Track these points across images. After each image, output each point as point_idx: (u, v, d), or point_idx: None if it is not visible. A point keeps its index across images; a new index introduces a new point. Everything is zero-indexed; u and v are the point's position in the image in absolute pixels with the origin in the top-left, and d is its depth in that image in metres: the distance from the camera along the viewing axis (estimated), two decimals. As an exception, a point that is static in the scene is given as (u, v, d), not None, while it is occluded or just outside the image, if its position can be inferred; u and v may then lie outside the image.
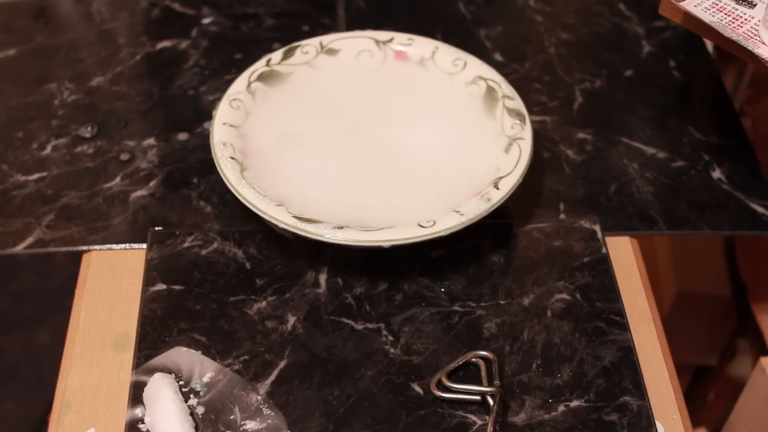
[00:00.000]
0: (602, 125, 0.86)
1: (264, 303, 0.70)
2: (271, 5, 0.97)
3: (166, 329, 0.68)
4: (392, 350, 0.68)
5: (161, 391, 0.63)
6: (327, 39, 0.84)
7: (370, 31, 0.85)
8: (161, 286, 0.71)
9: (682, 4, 0.72)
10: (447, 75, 0.82)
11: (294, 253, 0.74)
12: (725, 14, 0.71)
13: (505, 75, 0.84)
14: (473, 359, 0.67)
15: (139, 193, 0.78)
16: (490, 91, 0.80)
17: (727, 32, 0.69)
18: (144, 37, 0.93)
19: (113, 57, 0.91)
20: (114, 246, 0.75)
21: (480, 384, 0.65)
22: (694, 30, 0.74)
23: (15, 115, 0.85)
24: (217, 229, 0.75)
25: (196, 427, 0.63)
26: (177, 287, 0.71)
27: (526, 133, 0.76)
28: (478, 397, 0.65)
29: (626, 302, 0.72)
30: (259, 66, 0.81)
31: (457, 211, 0.69)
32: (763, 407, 0.79)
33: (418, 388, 0.66)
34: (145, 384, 0.65)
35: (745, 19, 0.71)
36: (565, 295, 0.72)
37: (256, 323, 0.69)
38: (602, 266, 0.74)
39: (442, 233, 0.68)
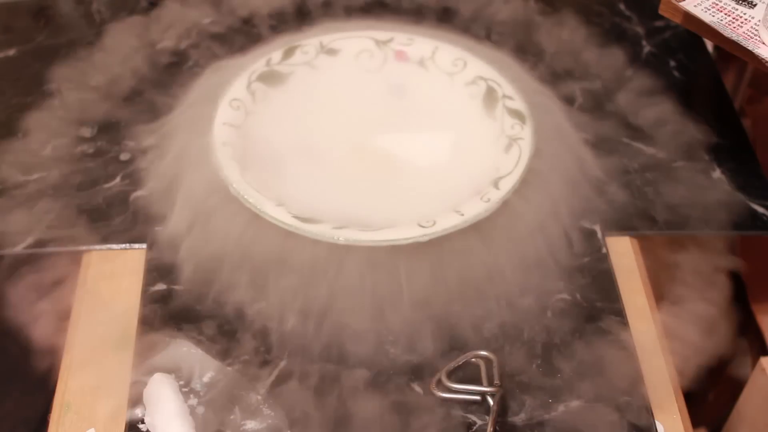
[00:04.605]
0: (602, 125, 0.86)
1: (264, 303, 0.70)
2: (271, 5, 0.97)
3: (166, 329, 0.68)
4: (392, 350, 0.68)
5: (161, 391, 0.63)
6: (327, 39, 0.84)
7: (370, 31, 0.85)
8: (161, 286, 0.71)
9: (682, 4, 0.72)
10: (447, 75, 0.82)
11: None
12: (725, 14, 0.71)
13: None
14: (473, 359, 0.67)
15: (139, 193, 0.78)
16: (490, 91, 0.80)
17: (727, 32, 0.69)
18: (144, 37, 0.93)
19: (113, 57, 0.91)
20: (114, 246, 0.75)
21: (480, 384, 0.65)
22: (694, 30, 0.74)
23: (15, 115, 0.85)
24: (217, 229, 0.75)
25: (196, 427, 0.63)
26: (177, 287, 0.71)
27: (526, 133, 0.76)
28: (478, 397, 0.65)
29: (626, 302, 0.72)
30: (258, 66, 0.81)
31: (457, 211, 0.69)
32: (763, 407, 0.79)
33: (418, 388, 0.66)
34: (145, 384, 0.65)
35: (745, 19, 0.71)
36: (565, 295, 0.72)
37: (256, 323, 0.69)
38: (602, 266, 0.74)
39: (442, 233, 0.68)
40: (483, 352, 0.67)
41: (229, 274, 0.71)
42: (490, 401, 0.64)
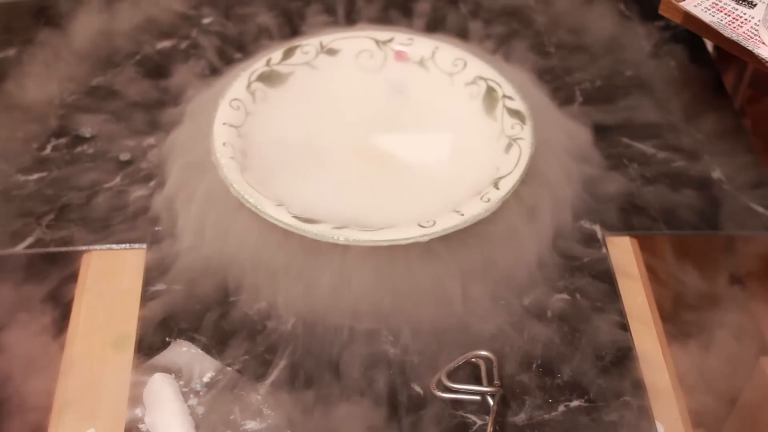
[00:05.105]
0: (602, 125, 0.86)
1: (264, 303, 0.70)
2: (271, 5, 0.97)
3: (166, 329, 0.68)
4: (392, 350, 0.68)
5: (161, 391, 0.63)
6: (327, 39, 0.84)
7: (370, 31, 0.85)
8: (161, 286, 0.71)
9: (682, 4, 0.72)
10: (447, 75, 0.82)
11: (294, 253, 0.74)
12: (725, 14, 0.71)
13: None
14: (473, 359, 0.67)
15: (139, 193, 0.78)
16: (491, 91, 0.80)
17: (727, 32, 0.69)
18: (144, 37, 0.93)
19: (113, 57, 0.91)
20: (114, 246, 0.75)
21: (480, 384, 0.65)
22: (694, 30, 0.74)
23: (15, 115, 0.85)
24: (217, 229, 0.75)
25: (196, 427, 0.63)
26: (177, 287, 0.71)
27: (526, 133, 0.76)
28: (478, 397, 0.65)
29: (626, 302, 0.72)
30: (258, 66, 0.81)
31: (457, 211, 0.69)
32: (763, 407, 0.79)
33: (418, 388, 0.66)
34: (145, 384, 0.65)
35: (745, 19, 0.71)
36: (565, 295, 0.72)
37: (256, 323, 0.69)
38: (602, 266, 0.74)
39: (442, 233, 0.68)
40: (483, 352, 0.67)
41: (228, 274, 0.71)
42: (490, 401, 0.64)
